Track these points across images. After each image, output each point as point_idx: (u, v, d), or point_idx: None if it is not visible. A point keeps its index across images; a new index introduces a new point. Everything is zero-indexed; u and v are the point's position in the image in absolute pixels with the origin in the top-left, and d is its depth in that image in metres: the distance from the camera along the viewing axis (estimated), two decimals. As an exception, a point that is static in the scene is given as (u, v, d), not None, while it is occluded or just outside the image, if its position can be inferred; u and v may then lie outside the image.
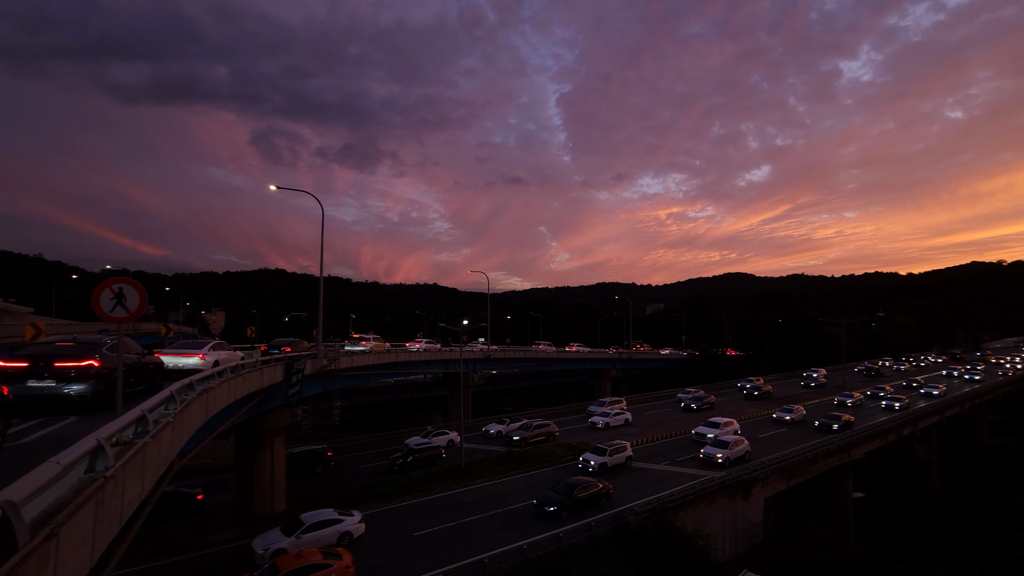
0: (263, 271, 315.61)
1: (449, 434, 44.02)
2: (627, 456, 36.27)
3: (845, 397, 57.96)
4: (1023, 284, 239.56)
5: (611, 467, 35.09)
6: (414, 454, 37.32)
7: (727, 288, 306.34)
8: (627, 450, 36.44)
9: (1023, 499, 53.48)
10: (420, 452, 37.68)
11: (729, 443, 36.54)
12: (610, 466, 35.05)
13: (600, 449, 35.84)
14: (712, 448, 36.58)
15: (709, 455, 36.10)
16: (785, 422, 49.02)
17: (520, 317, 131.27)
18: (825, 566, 31.62)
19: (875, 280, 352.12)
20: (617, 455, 35.68)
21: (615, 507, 27.80)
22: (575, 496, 27.65)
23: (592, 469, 34.25)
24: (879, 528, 47.41)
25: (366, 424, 76.30)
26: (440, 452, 38.60)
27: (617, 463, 35.52)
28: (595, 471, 33.89)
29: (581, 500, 27.86)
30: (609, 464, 35.03)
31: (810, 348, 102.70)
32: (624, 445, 36.63)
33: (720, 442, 37.05)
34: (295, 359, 28.88)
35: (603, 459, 34.89)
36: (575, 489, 27.99)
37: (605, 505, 28.53)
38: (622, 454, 36.02)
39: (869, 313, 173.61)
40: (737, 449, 36.54)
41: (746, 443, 37.59)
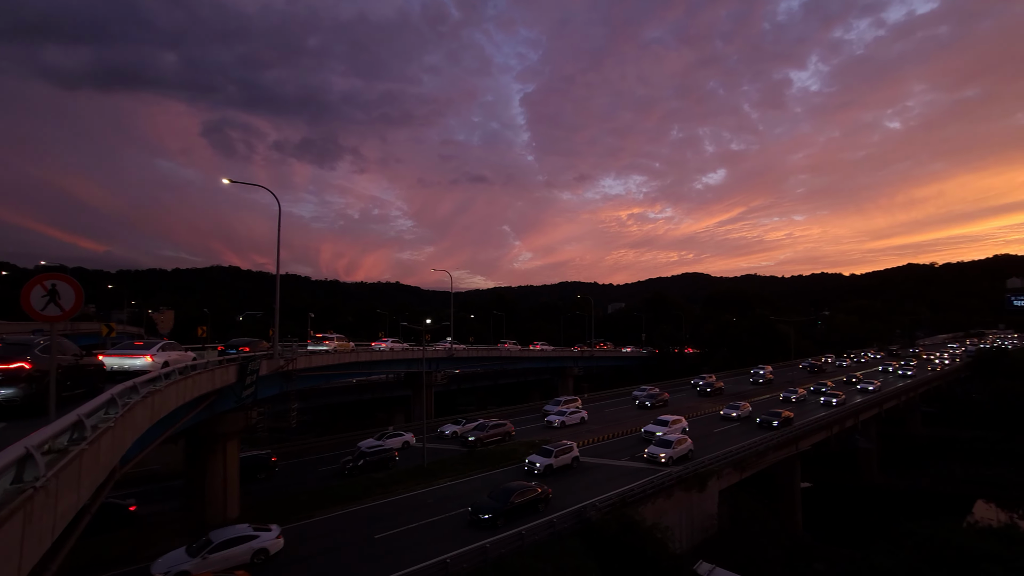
0: (216, 268, 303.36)
1: (404, 435, 43.01)
2: (573, 457, 35.77)
3: (790, 393, 59.85)
4: (953, 285, 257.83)
5: (557, 468, 34.47)
6: (365, 457, 36.09)
7: (685, 288, 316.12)
8: (573, 451, 35.96)
9: (952, 486, 57.55)
10: (372, 455, 36.47)
11: (672, 442, 36.61)
12: (556, 467, 34.41)
13: (546, 451, 35.20)
14: (655, 448, 36.63)
15: (652, 454, 36.15)
16: (732, 419, 49.77)
17: (484, 316, 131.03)
18: (775, 554, 33.02)
19: (821, 280, 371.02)
20: (563, 456, 35.13)
21: (555, 511, 27.12)
22: (511, 503, 26.57)
23: (538, 471, 33.61)
24: (824, 516, 49.84)
25: (326, 426, 74.43)
26: (393, 455, 37.47)
27: (563, 464, 34.99)
28: (540, 473, 33.41)
29: (518, 507, 26.83)
30: (555, 466, 34.38)
31: (762, 346, 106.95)
32: (570, 446, 36.18)
33: (664, 441, 37.07)
34: (250, 360, 27.86)
35: (548, 461, 34.26)
36: (512, 495, 26.93)
37: (543, 510, 27.56)
38: (568, 455, 35.49)
39: (816, 312, 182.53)
40: (680, 448, 36.59)
41: (689, 442, 37.73)
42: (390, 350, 58.27)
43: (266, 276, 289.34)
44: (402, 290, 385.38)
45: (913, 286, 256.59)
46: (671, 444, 36.37)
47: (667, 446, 36.23)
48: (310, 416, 74.56)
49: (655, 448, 36.50)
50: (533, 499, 27.62)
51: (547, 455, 34.72)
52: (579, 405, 54.62)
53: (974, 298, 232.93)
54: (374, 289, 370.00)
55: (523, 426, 49.00)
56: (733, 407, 51.25)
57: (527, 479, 31.87)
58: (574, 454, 35.86)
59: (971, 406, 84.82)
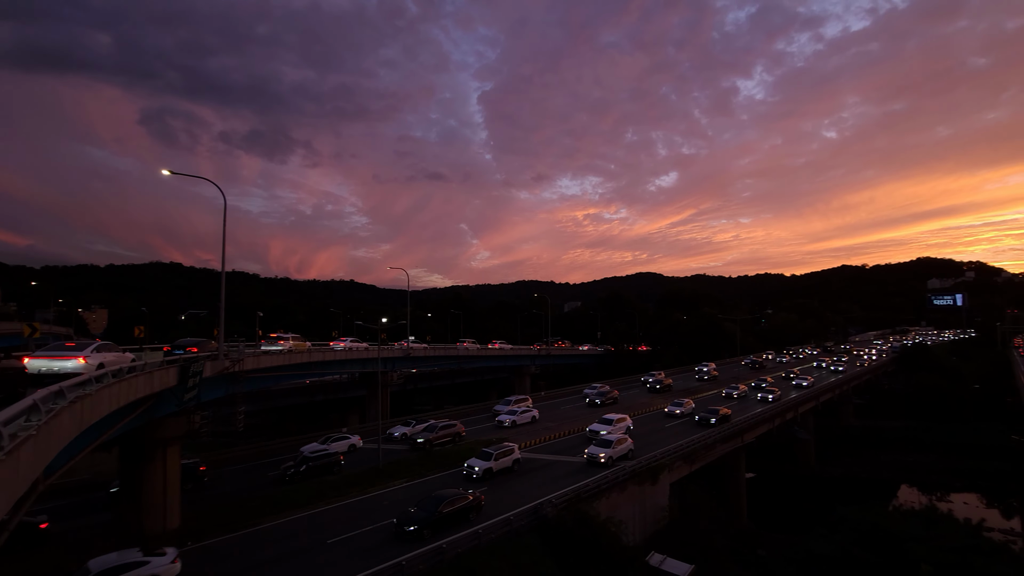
0: (155, 265, 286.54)
1: (351, 438, 41.53)
2: (515, 459, 34.79)
3: (732, 389, 61.11)
4: (882, 285, 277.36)
5: (497, 471, 33.50)
6: (308, 463, 34.57)
7: (639, 287, 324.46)
8: (514, 453, 35.00)
9: (881, 472, 61.93)
10: (315, 460, 34.96)
11: (612, 442, 36.09)
12: (496, 471, 33.42)
13: (486, 454, 34.14)
14: (595, 448, 35.99)
15: (592, 455, 35.47)
16: (676, 416, 50.10)
17: (441, 315, 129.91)
18: (722, 543, 34.50)
19: (765, 280, 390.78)
20: (503, 459, 34.07)
21: (488, 519, 25.99)
22: (440, 512, 25.07)
23: (476, 476, 32.59)
24: (767, 504, 52.52)
25: (276, 429, 71.74)
26: (339, 459, 36.06)
27: (504, 467, 33.97)
28: (479, 477, 32.51)
29: (447, 516, 25.32)
30: (495, 469, 33.35)
31: (711, 343, 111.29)
32: (511, 448, 35.27)
33: (604, 441, 36.43)
34: (192, 361, 26.53)
35: (488, 464, 33.20)
36: (441, 504, 25.41)
37: (475, 519, 26.30)
38: (509, 457, 34.48)
39: (760, 310, 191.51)
40: (620, 448, 36.18)
41: (629, 442, 37.38)
42: (348, 349, 56.89)
43: (211, 273, 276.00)
44: (357, 288, 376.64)
45: (846, 286, 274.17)
46: (611, 444, 35.97)
47: (607, 446, 35.80)
48: (259, 419, 71.68)
49: (595, 448, 36.01)
50: (463, 508, 26.24)
51: (487, 458, 33.72)
52: (530, 404, 54.03)
53: (900, 297, 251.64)
54: (327, 287, 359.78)
55: (476, 426, 48.76)
56: (677, 404, 51.66)
57: (467, 484, 31.43)
58: (515, 456, 34.96)
59: (896, 398, 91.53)
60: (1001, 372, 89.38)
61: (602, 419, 43.69)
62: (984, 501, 53.45)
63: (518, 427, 47.77)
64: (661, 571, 28.21)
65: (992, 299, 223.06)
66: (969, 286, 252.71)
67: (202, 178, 32.79)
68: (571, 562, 25.19)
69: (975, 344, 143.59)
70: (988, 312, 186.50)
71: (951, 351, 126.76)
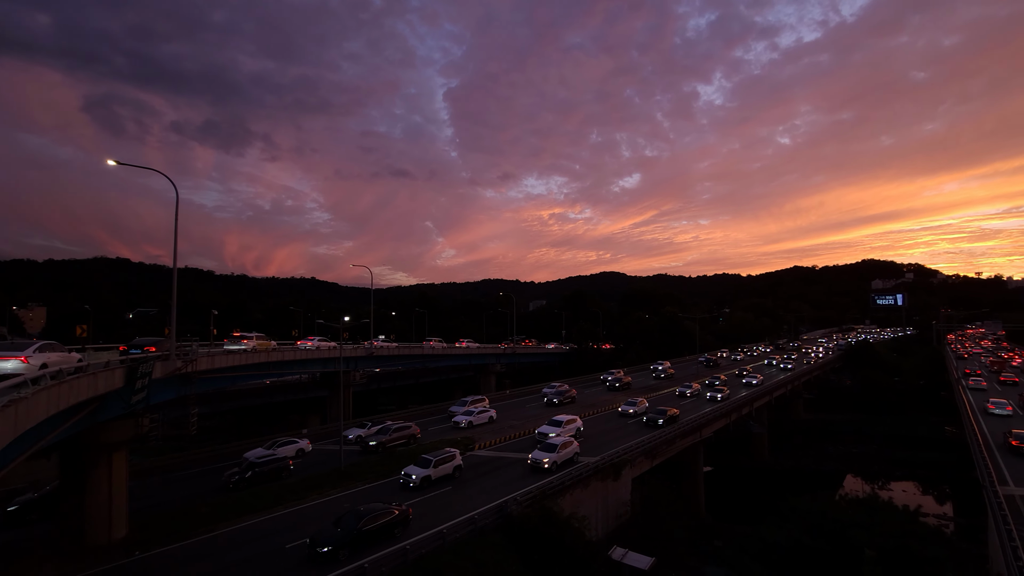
0: (100, 260, 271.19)
1: (299, 442, 39.75)
2: (455, 466, 33.00)
3: (685, 388, 61.55)
4: (830, 285, 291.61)
5: (436, 479, 31.78)
6: (254, 468, 32.71)
7: (603, 286, 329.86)
8: (455, 459, 33.22)
9: (828, 463, 65.08)
10: (262, 465, 33.15)
11: (557, 446, 34.86)
12: (435, 478, 31.71)
13: (425, 460, 32.34)
14: (540, 452, 34.59)
15: (536, 460, 34.05)
16: (629, 415, 49.65)
17: (406, 313, 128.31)
18: (681, 535, 35.47)
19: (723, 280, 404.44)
20: (443, 465, 32.38)
21: (416, 535, 23.99)
22: (359, 530, 22.78)
23: (413, 484, 30.93)
24: (724, 496, 54.35)
25: (232, 431, 69.18)
26: (287, 464, 34.43)
27: (443, 475, 32.23)
28: (417, 485, 30.88)
29: (368, 534, 23.03)
30: (434, 477, 31.62)
31: (672, 341, 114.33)
32: (452, 454, 33.45)
33: (549, 446, 35.07)
34: (141, 361, 25.26)
35: (426, 472, 31.45)
36: (361, 520, 23.11)
37: (401, 535, 24.12)
38: (449, 464, 32.74)
39: (718, 309, 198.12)
40: (565, 452, 34.85)
41: (575, 445, 36.26)
42: (316, 348, 55.94)
43: (161, 270, 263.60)
44: (318, 286, 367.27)
45: (798, 286, 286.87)
46: (556, 448, 34.62)
47: (552, 451, 34.43)
48: (215, 421, 69.03)
49: (539, 453, 34.59)
50: (387, 524, 23.93)
51: (425, 465, 31.95)
52: (487, 404, 53.12)
53: (846, 297, 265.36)
54: (287, 285, 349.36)
55: (436, 426, 48.09)
56: (631, 403, 51.03)
57: (402, 494, 29.99)
58: (456, 463, 33.15)
59: (843, 392, 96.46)
60: (937, 367, 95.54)
61: (551, 421, 42.46)
62: (920, 489, 57.02)
63: (475, 427, 47.01)
64: (623, 564, 28.80)
65: (929, 299, 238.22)
66: (909, 287, 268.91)
67: (152, 169, 31.20)
68: (536, 559, 25.38)
69: (914, 341, 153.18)
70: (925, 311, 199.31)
71: (892, 348, 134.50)
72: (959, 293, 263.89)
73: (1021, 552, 20.90)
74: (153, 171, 31.08)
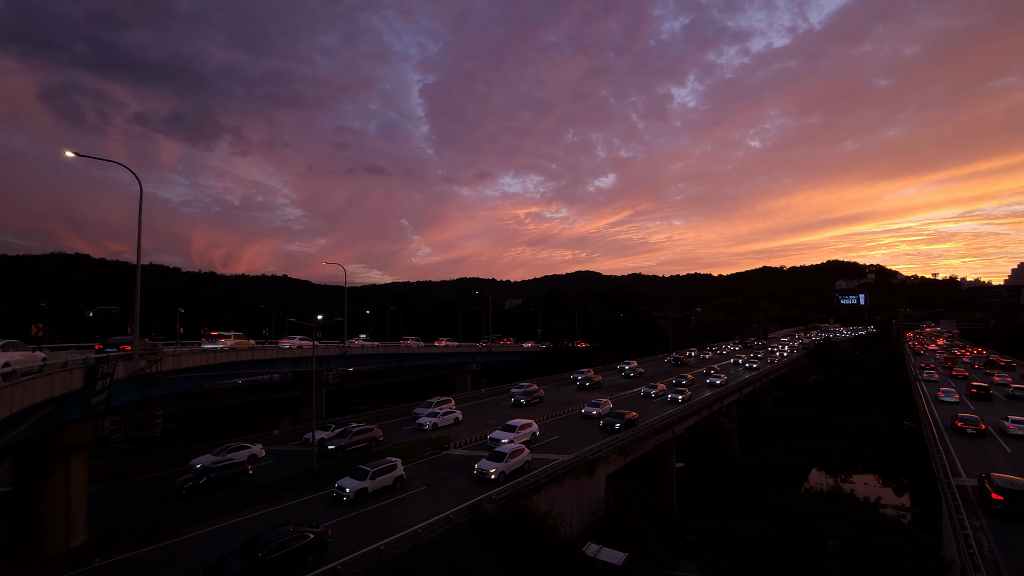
0: (58, 256, 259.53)
1: (251, 448, 37.90)
2: (396, 477, 30.63)
3: (650, 388, 59.77)
4: (797, 286, 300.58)
5: (373, 492, 29.19)
6: (209, 474, 31.38)
7: (578, 285, 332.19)
8: (396, 469, 30.80)
9: (795, 457, 67.12)
10: (218, 471, 31.71)
11: (506, 455, 32.41)
12: (372, 491, 29.09)
13: (361, 471, 29.68)
14: (486, 462, 32.20)
15: (482, 471, 31.65)
16: (592, 416, 48.13)
17: (380, 312, 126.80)
18: (654, 530, 36.10)
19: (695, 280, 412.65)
20: (382, 477, 29.72)
21: (341, 558, 21.67)
22: (263, 559, 20.04)
23: (347, 498, 28.30)
24: (695, 491, 55.51)
25: (199, 433, 67.28)
26: (246, 469, 33.13)
27: (382, 487, 29.74)
28: (351, 499, 28.33)
29: (274, 562, 20.35)
30: (371, 489, 29.03)
31: (645, 339, 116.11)
32: (393, 464, 30.88)
33: (497, 455, 32.60)
34: (102, 361, 24.30)
35: (361, 484, 28.76)
36: (268, 547, 20.41)
37: (316, 561, 21.64)
38: (389, 475, 30.18)
39: (690, 308, 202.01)
40: (514, 461, 32.48)
41: (526, 453, 33.99)
42: (298, 348, 55.43)
43: (124, 266, 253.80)
44: (290, 284, 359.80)
45: (767, 286, 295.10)
46: (504, 457, 32.25)
47: (500, 460, 32.11)
48: (181, 423, 67.00)
49: (486, 463, 32.21)
50: (300, 548, 21.32)
51: (361, 477, 29.33)
52: (453, 405, 51.82)
53: (812, 296, 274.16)
54: (258, 283, 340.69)
55: (408, 426, 47.16)
56: (594, 404, 49.36)
57: (334, 508, 27.77)
58: (396, 473, 30.79)
59: (809, 389, 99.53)
60: (896, 364, 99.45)
61: (505, 425, 40.09)
62: (880, 481, 59.38)
63: (440, 429, 45.74)
64: (597, 560, 29.13)
65: (889, 299, 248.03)
66: (870, 287, 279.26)
67: (114, 162, 30.03)
68: (511, 557, 25.44)
69: (875, 339, 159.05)
70: (886, 310, 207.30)
71: (854, 346, 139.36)
72: (917, 293, 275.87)
73: (972, 540, 21.96)
74: (115, 164, 29.93)
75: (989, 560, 21.30)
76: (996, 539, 23.57)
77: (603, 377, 73.68)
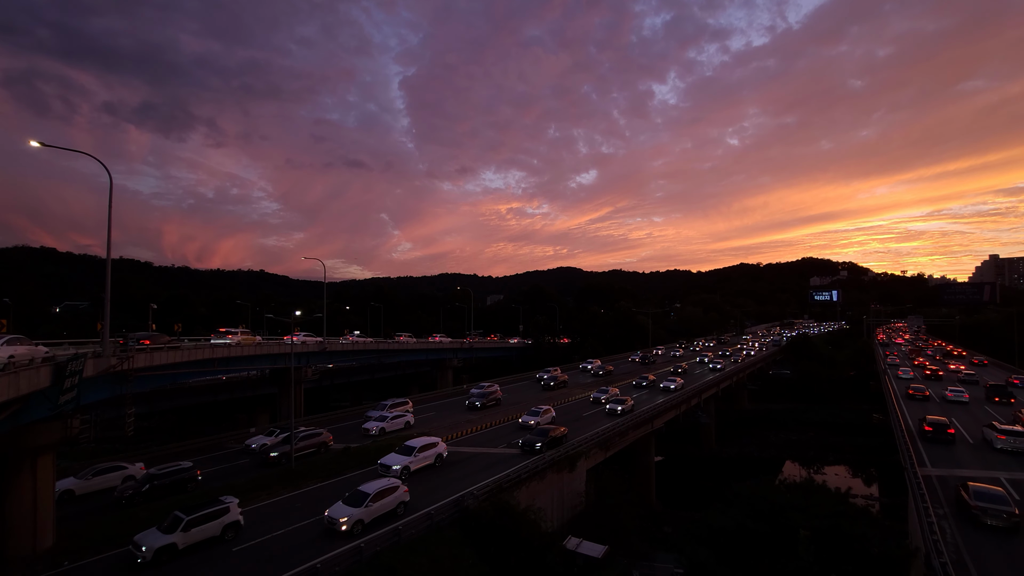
0: (21, 250, 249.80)
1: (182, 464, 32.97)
2: (226, 524, 23.14)
3: (600, 394, 54.45)
4: (773, 282, 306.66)
5: (185, 549, 21.89)
6: (153, 481, 29.68)
7: (559, 281, 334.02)
8: (230, 512, 23.55)
9: (770, 450, 68.73)
10: (163, 477, 30.00)
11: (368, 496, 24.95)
12: (183, 547, 21.80)
13: (174, 519, 22.19)
14: (340, 508, 24.70)
15: (331, 519, 24.10)
16: (529, 427, 42.78)
17: (360, 308, 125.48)
18: (633, 523, 36.64)
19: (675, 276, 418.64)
20: (203, 526, 22.37)
21: None
22: None
23: (143, 559, 20.83)
24: (673, 484, 56.41)
25: (173, 431, 65.81)
26: (195, 474, 31.23)
27: (204, 538, 22.46)
28: (149, 560, 20.84)
29: None
30: (181, 545, 21.72)
31: (626, 335, 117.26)
32: (224, 507, 23.51)
33: (357, 496, 25.11)
34: (72, 359, 23.56)
35: (167, 539, 21.38)
36: None
37: None
38: (215, 522, 22.88)
39: (670, 304, 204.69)
40: (378, 506, 25.16)
41: (401, 491, 26.59)
42: (302, 343, 56.62)
43: (92, 260, 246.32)
44: (267, 279, 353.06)
45: (744, 283, 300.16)
46: (365, 500, 24.83)
47: (359, 503, 24.77)
48: (155, 421, 65.48)
49: (339, 509, 24.60)
50: None
51: (171, 528, 21.79)
52: (409, 407, 49.08)
53: (787, 293, 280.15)
54: (233, 278, 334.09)
55: (354, 432, 43.94)
56: (534, 413, 44.34)
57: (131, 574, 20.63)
58: (229, 519, 23.29)
59: (783, 383, 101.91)
60: (867, 359, 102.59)
61: (402, 447, 33.29)
62: (851, 472, 61.21)
63: (388, 434, 42.28)
64: (577, 553, 29.44)
65: (861, 295, 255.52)
66: (843, 284, 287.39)
67: (83, 153, 29.04)
68: (492, 551, 25.56)
69: (847, 335, 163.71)
70: (857, 306, 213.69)
71: (828, 341, 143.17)
72: (887, 290, 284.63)
73: (936, 528, 22.85)
74: (83, 154, 28.95)
75: (952, 546, 22.19)
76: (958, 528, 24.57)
77: (568, 376, 70.09)
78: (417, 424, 46.14)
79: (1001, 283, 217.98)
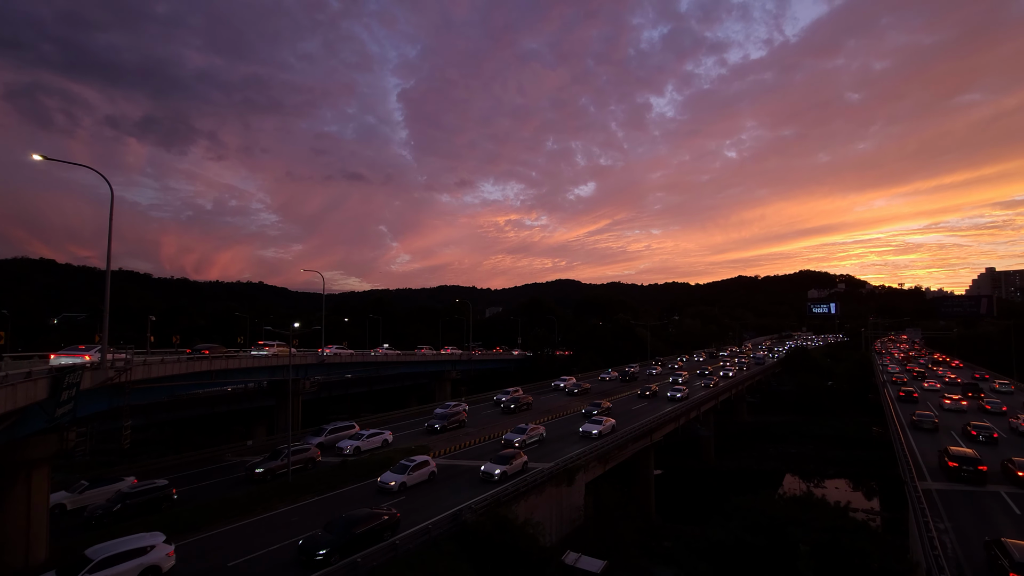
0: (21, 261, 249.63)
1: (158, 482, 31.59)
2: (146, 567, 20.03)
3: (593, 406, 53.48)
4: (771, 295, 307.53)
5: None
6: (125, 500, 28.67)
7: (558, 293, 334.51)
8: (154, 551, 20.55)
9: (769, 463, 68.34)
10: (136, 496, 29.04)
11: None
12: None
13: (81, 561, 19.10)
14: None
15: None
16: (514, 446, 40.94)
17: (359, 320, 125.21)
18: (632, 537, 36.30)
19: (673, 289, 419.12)
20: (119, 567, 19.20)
21: None
22: None
23: None
24: (673, 498, 55.95)
25: (169, 444, 65.35)
26: (170, 492, 30.32)
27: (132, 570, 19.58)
28: None
29: None
30: None
31: (624, 347, 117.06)
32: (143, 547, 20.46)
33: None
34: (68, 371, 23.54)
35: None
36: None
37: None
38: (133, 561, 19.69)
39: (668, 316, 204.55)
40: None
41: None
42: (335, 353, 60.12)
43: (91, 272, 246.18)
44: (266, 291, 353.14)
45: (742, 295, 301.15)
46: None
47: None
48: (151, 433, 65.02)
49: None
50: None
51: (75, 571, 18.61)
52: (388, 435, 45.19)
53: (785, 305, 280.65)
54: (232, 290, 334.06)
55: None
56: (520, 430, 43.27)
57: None
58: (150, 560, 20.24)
59: (782, 396, 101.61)
60: (865, 371, 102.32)
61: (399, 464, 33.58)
62: (851, 485, 60.79)
63: (362, 454, 40.90)
64: (576, 569, 29.20)
65: (858, 308, 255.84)
66: (841, 296, 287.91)
67: (84, 166, 29.30)
68: (490, 567, 25.33)
69: (845, 347, 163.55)
70: (855, 319, 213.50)
71: (826, 353, 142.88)
72: (885, 302, 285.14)
73: (936, 542, 22.73)
74: (82, 167, 29.19)
75: (952, 561, 22.06)
76: (958, 540, 24.44)
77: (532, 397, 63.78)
78: (399, 440, 44.78)
79: (997, 295, 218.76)
